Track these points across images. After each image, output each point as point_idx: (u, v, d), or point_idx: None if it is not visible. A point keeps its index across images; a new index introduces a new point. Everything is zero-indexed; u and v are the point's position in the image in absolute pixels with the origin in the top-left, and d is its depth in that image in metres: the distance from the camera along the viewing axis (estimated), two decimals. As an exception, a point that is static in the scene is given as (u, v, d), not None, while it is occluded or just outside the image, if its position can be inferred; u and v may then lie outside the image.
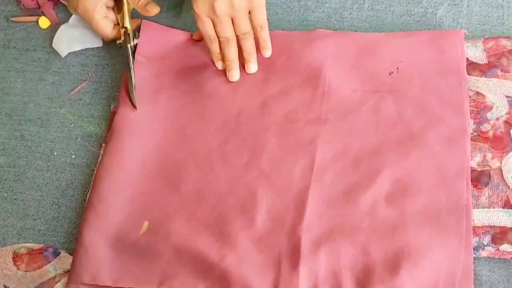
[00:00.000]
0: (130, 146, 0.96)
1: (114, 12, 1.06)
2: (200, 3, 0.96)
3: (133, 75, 1.01)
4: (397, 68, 1.00)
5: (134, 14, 1.06)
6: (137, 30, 1.06)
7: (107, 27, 1.05)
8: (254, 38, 1.00)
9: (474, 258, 0.86)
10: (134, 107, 0.99)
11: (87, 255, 0.89)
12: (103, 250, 0.89)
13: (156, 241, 0.90)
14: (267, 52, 1.02)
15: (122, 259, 0.89)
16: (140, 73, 1.02)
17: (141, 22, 1.07)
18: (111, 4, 1.06)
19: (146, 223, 0.91)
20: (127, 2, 1.05)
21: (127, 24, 1.05)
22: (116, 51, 1.07)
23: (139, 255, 0.89)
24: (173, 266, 0.88)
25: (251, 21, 0.99)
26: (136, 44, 1.04)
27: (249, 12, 0.98)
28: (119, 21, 1.05)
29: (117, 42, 1.05)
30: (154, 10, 1.04)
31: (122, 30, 1.04)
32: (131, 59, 1.02)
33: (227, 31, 0.98)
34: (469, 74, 0.99)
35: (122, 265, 0.89)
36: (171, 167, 0.96)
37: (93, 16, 1.03)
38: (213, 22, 0.98)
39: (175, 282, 0.87)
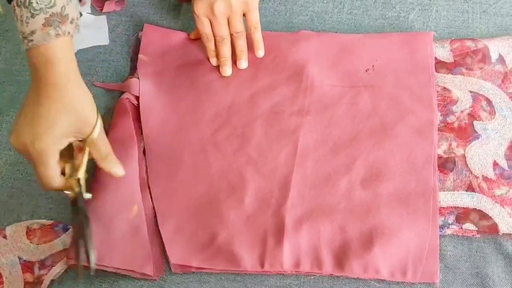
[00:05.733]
0: (130, 137, 0.96)
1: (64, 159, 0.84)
2: (200, 5, 0.96)
3: (88, 234, 0.83)
4: (373, 66, 1.00)
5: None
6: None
7: (56, 176, 0.82)
8: (248, 39, 1.01)
9: (440, 236, 0.87)
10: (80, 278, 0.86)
11: None
12: (95, 231, 0.85)
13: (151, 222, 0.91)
14: (260, 53, 1.02)
15: (112, 238, 0.88)
16: (143, 71, 1.02)
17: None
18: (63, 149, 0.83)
19: (135, 207, 0.90)
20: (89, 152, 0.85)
21: (81, 175, 0.84)
22: (120, 48, 1.07)
23: (129, 236, 0.88)
24: (169, 246, 0.89)
25: (245, 22, 0.99)
26: (89, 198, 0.86)
27: (244, 15, 0.98)
28: (69, 170, 0.84)
29: (68, 194, 0.85)
30: (119, 172, 0.87)
31: (74, 181, 0.84)
32: (86, 216, 0.84)
33: (223, 31, 0.98)
34: (437, 71, 0.99)
35: (111, 245, 0.88)
36: (169, 155, 0.96)
37: (48, 160, 0.80)
38: (210, 22, 0.98)
39: (172, 258, 0.88)
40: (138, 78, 1.02)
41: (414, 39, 1.02)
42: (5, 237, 0.92)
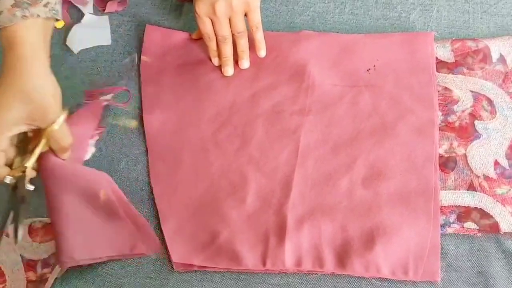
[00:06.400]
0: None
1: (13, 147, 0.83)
2: (201, 5, 0.96)
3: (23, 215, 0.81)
4: (374, 66, 1.00)
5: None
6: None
7: (1, 160, 0.80)
8: (250, 39, 1.01)
9: (441, 235, 0.88)
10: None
11: (62, 239, 0.85)
12: (73, 228, 0.85)
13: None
14: (262, 52, 1.02)
15: (92, 230, 0.86)
16: (144, 71, 1.03)
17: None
18: (15, 136, 0.81)
19: (102, 191, 0.86)
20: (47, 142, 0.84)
21: (29, 164, 0.82)
22: (122, 48, 1.07)
23: (107, 221, 0.87)
24: (171, 244, 0.89)
25: (247, 22, 0.99)
26: (30, 190, 0.82)
27: (245, 15, 0.98)
28: (17, 164, 0.82)
29: (8, 180, 0.81)
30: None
31: (19, 169, 0.82)
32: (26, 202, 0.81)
33: (225, 30, 0.98)
34: (438, 71, 0.99)
35: (94, 236, 0.86)
36: (170, 154, 0.96)
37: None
38: (212, 22, 0.98)
39: (174, 256, 0.88)
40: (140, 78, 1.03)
41: (415, 39, 1.02)
42: (7, 235, 0.91)
